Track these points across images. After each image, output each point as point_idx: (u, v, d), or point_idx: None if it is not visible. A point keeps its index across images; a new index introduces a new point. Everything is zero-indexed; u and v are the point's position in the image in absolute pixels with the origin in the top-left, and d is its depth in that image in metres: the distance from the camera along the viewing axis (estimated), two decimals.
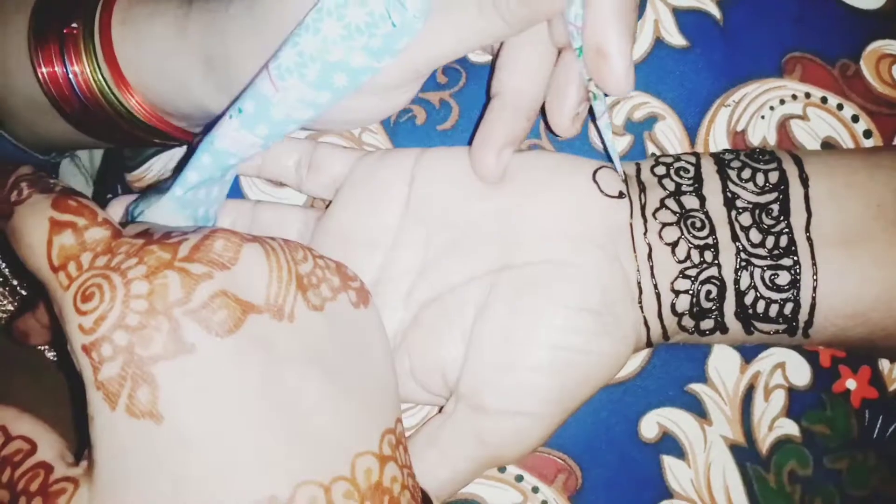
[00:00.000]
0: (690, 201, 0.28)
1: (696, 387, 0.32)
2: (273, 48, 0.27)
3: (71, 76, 0.30)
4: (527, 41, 0.27)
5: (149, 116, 0.31)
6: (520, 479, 0.32)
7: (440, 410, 0.29)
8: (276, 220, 0.32)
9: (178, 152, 0.36)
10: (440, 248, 0.29)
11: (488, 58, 0.32)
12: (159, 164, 0.36)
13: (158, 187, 0.29)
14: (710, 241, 0.28)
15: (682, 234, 0.28)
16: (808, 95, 0.32)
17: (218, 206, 0.31)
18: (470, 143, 0.29)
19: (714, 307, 0.28)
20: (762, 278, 0.27)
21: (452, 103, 0.33)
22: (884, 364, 0.32)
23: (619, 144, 0.32)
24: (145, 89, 0.31)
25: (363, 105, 0.29)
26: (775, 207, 0.28)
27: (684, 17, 0.32)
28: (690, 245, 0.28)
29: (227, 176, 0.30)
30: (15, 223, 0.23)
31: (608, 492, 0.31)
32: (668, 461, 0.31)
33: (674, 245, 0.28)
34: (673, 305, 0.28)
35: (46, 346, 0.38)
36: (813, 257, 0.27)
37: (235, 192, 0.34)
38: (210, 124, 0.28)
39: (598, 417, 0.32)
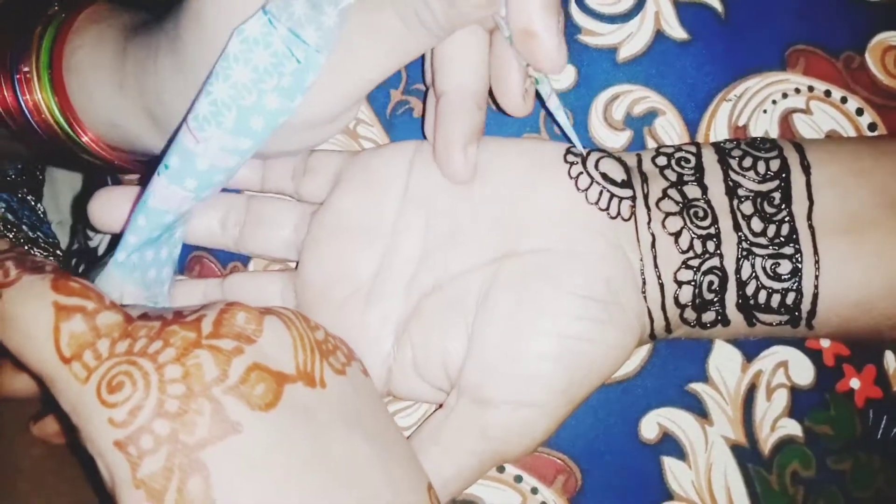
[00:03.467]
0: (692, 191, 0.28)
1: (696, 386, 0.31)
2: None
3: (29, 115, 0.30)
4: (457, 36, 0.26)
5: (111, 157, 0.32)
6: (519, 479, 0.31)
7: (440, 407, 0.29)
8: (271, 214, 0.31)
9: None
10: (440, 237, 0.29)
11: None
12: None
13: (107, 258, 0.29)
14: (712, 230, 0.27)
15: (685, 223, 0.28)
16: (811, 89, 0.31)
17: (171, 266, 0.30)
18: None
19: (715, 298, 0.28)
20: (763, 268, 0.27)
21: None
22: (889, 363, 0.31)
23: (619, 140, 0.32)
24: (103, 135, 0.30)
25: (305, 137, 0.28)
26: (777, 195, 0.28)
27: (685, 10, 0.31)
28: (693, 235, 0.27)
29: (176, 235, 0.30)
30: (4, 309, 0.21)
31: (608, 493, 0.31)
32: (669, 462, 0.31)
33: (677, 235, 0.28)
34: (676, 297, 0.28)
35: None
36: (815, 246, 0.27)
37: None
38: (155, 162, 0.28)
39: (597, 418, 0.31)
